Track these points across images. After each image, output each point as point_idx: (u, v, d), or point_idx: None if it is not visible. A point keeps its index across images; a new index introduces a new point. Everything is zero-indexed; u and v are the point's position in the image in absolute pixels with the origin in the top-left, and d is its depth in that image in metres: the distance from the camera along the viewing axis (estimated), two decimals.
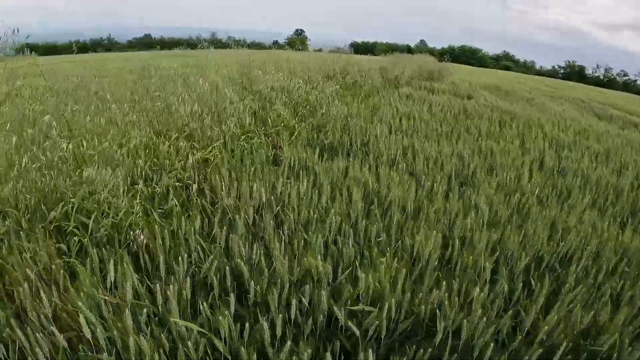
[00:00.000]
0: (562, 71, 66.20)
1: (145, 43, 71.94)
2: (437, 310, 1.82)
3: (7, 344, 1.55)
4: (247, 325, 1.65)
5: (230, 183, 2.81)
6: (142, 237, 2.17)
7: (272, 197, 2.67)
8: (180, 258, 1.94)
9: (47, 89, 3.55)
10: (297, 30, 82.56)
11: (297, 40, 77.26)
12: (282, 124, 4.35)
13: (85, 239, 2.12)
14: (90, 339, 1.56)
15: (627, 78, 64.54)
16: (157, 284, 1.70)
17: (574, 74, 62.79)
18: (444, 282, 2.02)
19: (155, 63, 6.75)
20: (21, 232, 2.06)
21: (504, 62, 70.15)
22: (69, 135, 2.98)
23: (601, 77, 63.57)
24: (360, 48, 75.38)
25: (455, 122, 6.83)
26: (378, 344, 1.83)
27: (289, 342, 1.58)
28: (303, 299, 1.80)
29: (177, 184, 2.83)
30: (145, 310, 1.65)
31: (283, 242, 2.17)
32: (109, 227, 2.22)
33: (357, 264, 2.12)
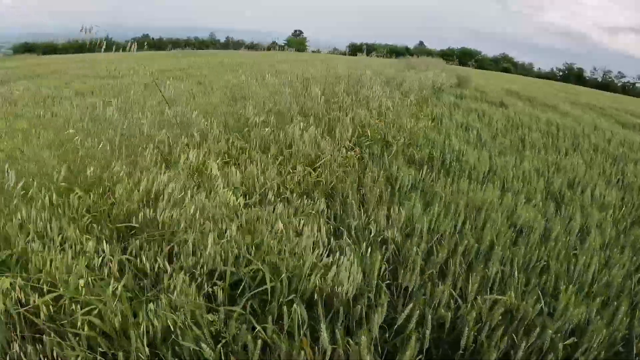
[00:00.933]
0: (560, 73, 66.88)
1: (143, 43, 71.12)
2: None
3: None
4: None
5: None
6: None
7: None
8: None
9: None
10: (295, 31, 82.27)
11: (296, 41, 77.01)
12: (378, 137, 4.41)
13: None
14: None
15: (626, 80, 65.25)
16: None
17: (573, 76, 63.40)
18: None
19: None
20: None
21: (503, 64, 70.55)
22: None
23: (599, 79, 64.31)
24: (359, 49, 75.28)
25: (507, 133, 6.95)
26: None
27: None
28: None
29: None
30: None
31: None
32: None
33: None
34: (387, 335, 1.75)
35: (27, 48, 44.93)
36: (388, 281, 2.01)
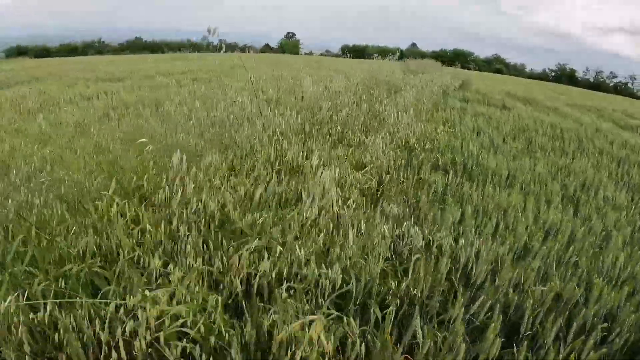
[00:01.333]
0: (552, 74, 67.77)
1: (138, 46, 71.13)
2: None
3: None
4: None
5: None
6: None
7: None
8: None
9: None
10: (288, 34, 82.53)
11: (290, 44, 77.06)
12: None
13: None
14: None
15: (617, 80, 66.01)
16: None
17: (565, 76, 64.16)
18: None
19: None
20: None
21: (496, 65, 71.16)
22: None
23: (591, 80, 65.15)
24: (351, 51, 75.45)
25: (516, 137, 7.25)
26: None
27: None
28: None
29: None
30: None
31: None
32: None
33: None
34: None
35: (20, 51, 44.67)
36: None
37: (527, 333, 1.99)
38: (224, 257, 2.08)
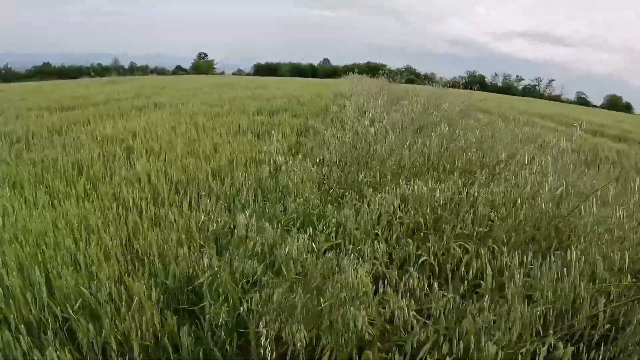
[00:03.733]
0: (463, 81, 71.81)
1: (47, 72, 64.80)
2: None
3: None
4: None
5: None
6: None
7: None
8: None
9: None
10: (200, 54, 79.30)
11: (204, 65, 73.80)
12: None
13: None
14: None
15: (527, 84, 71.53)
16: None
17: (475, 83, 68.21)
18: None
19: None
20: None
21: (408, 76, 73.92)
22: None
23: (500, 84, 70.02)
24: (264, 69, 74.23)
25: None
26: None
27: None
28: None
29: None
30: None
31: None
32: None
33: None
34: None
35: None
36: None
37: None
38: None
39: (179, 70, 76.26)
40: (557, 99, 63.74)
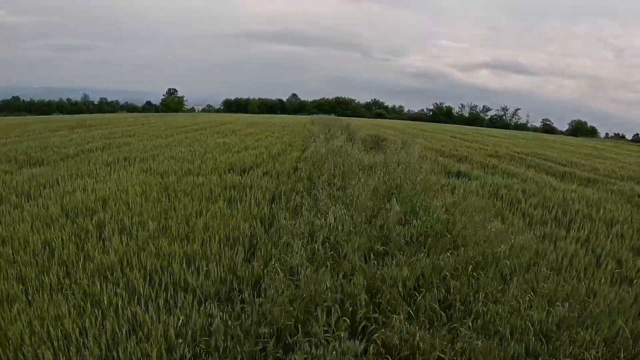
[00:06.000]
0: (430, 113, 74.00)
1: (16, 106, 63.21)
2: None
3: None
4: None
5: None
6: None
7: None
8: None
9: None
10: (169, 90, 79.25)
11: (173, 101, 73.18)
12: None
13: None
14: None
15: (493, 114, 73.51)
16: None
17: (443, 115, 70.32)
18: None
19: None
20: None
21: (376, 109, 75.55)
22: None
23: (466, 115, 72.20)
24: (234, 105, 74.83)
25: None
26: None
27: None
28: None
29: None
30: None
31: None
32: None
33: None
34: None
35: None
36: None
37: None
38: None
39: (149, 106, 75.64)
40: (523, 127, 66.12)
